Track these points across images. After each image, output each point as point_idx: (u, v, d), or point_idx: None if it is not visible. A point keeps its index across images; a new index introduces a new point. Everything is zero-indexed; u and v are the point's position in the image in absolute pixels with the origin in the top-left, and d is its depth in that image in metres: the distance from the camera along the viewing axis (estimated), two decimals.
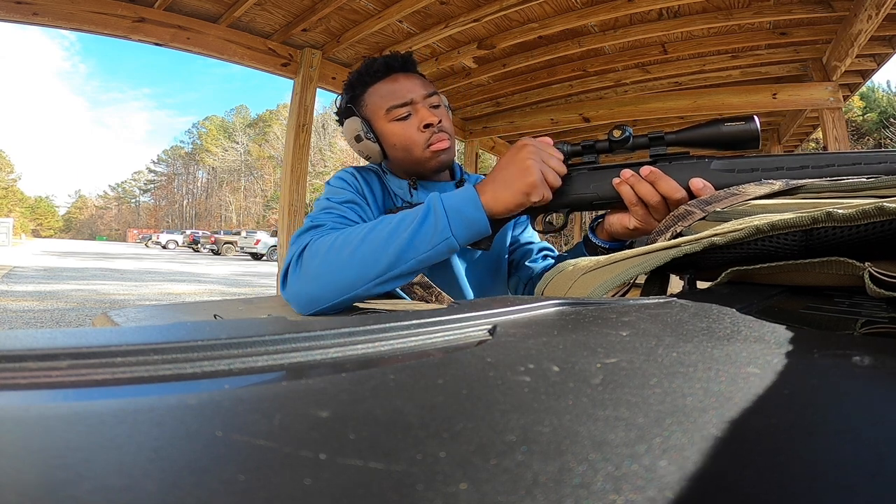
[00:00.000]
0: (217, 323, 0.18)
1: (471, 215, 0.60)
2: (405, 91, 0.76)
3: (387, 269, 0.60)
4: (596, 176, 0.62)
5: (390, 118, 0.76)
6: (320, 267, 0.62)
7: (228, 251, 19.44)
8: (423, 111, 0.76)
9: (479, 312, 0.21)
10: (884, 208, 0.28)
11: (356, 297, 0.62)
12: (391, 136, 0.76)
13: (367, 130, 0.77)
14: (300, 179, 2.72)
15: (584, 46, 2.74)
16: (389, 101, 0.75)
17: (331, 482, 0.07)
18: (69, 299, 5.23)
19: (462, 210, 0.60)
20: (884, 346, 0.17)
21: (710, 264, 0.39)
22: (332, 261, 0.61)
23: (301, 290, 0.63)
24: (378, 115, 0.77)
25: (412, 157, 0.77)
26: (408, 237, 0.60)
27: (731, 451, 0.09)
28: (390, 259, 0.59)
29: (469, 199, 0.61)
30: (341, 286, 0.61)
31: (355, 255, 0.60)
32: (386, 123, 0.76)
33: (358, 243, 0.61)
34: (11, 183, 51.22)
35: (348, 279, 0.60)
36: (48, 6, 1.97)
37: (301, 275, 0.63)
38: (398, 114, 0.75)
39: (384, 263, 0.60)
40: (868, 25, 2.13)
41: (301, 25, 2.49)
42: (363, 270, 0.60)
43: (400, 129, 0.76)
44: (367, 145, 0.78)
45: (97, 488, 0.07)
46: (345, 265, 0.60)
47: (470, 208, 0.60)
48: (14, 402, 0.11)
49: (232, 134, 50.28)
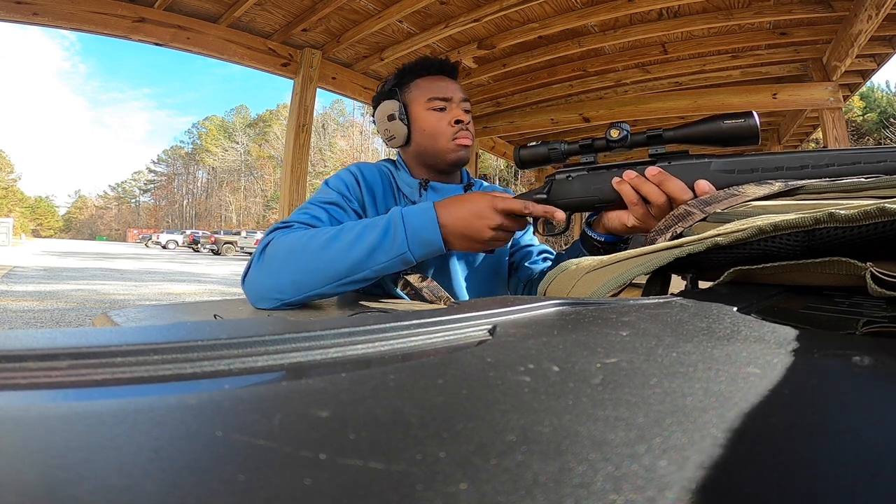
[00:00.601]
0: (217, 323, 0.18)
1: (428, 237, 0.64)
2: (448, 90, 0.84)
3: (345, 274, 0.64)
4: (596, 178, 0.62)
5: (428, 107, 0.83)
6: (279, 265, 0.65)
7: (228, 251, 19.45)
8: (458, 110, 0.83)
9: (479, 312, 0.21)
10: (885, 209, 0.28)
11: (309, 298, 0.65)
12: (424, 121, 0.83)
13: (402, 113, 0.84)
14: (300, 179, 2.72)
15: (585, 46, 2.74)
16: (433, 92, 0.83)
17: (331, 482, 0.07)
18: (69, 299, 5.23)
19: (420, 231, 0.64)
20: (884, 346, 0.17)
21: (712, 264, 0.39)
22: (291, 261, 0.65)
23: (257, 283, 0.67)
24: (419, 101, 0.84)
25: (436, 146, 0.83)
26: (367, 248, 0.63)
27: (731, 451, 0.09)
28: (349, 266, 0.63)
29: (428, 221, 0.65)
30: (296, 286, 0.64)
31: (317, 259, 0.64)
32: (423, 110, 0.83)
33: (319, 248, 0.64)
34: (11, 183, 51.21)
35: (304, 280, 0.64)
36: (48, 6, 1.97)
37: (261, 269, 0.67)
38: (436, 105, 0.83)
39: (343, 269, 0.64)
40: (868, 25, 2.13)
41: (301, 25, 2.49)
42: (321, 274, 0.64)
43: (434, 117, 0.83)
44: (397, 125, 0.84)
45: (97, 488, 0.07)
46: (303, 267, 0.64)
47: (428, 230, 0.64)
48: (14, 402, 0.11)
49: (232, 134, 50.28)
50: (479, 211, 0.64)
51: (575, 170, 0.63)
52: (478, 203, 0.65)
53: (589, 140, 0.63)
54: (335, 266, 0.63)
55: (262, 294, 0.66)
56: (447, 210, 0.65)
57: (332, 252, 0.64)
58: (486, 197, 0.65)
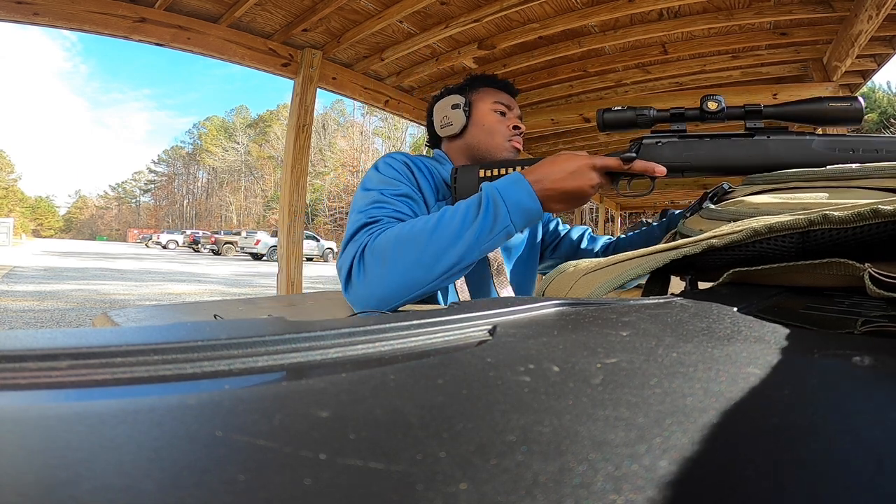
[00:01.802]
0: (217, 323, 0.18)
1: (528, 205, 0.64)
2: (511, 103, 0.94)
3: (457, 262, 0.62)
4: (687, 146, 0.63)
5: (493, 108, 0.91)
6: (386, 267, 0.63)
7: (229, 251, 19.45)
8: (516, 119, 0.93)
9: (479, 312, 0.21)
10: (879, 210, 0.28)
11: (423, 294, 0.64)
12: (486, 117, 0.90)
13: (466, 105, 0.91)
14: (300, 180, 2.72)
15: (585, 47, 2.74)
16: (499, 98, 0.92)
17: (331, 482, 0.07)
18: (69, 299, 5.23)
19: (519, 202, 0.64)
20: (884, 346, 0.17)
21: (710, 266, 0.39)
22: (399, 260, 0.62)
23: (369, 294, 0.64)
24: (485, 101, 0.92)
25: (492, 142, 0.89)
26: (476, 231, 0.63)
27: (731, 451, 0.09)
28: (461, 252, 0.62)
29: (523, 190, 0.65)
30: (410, 284, 0.62)
31: (425, 253, 0.62)
32: (487, 109, 0.91)
33: (426, 241, 0.62)
34: (12, 183, 51.23)
35: (417, 277, 0.62)
36: (48, 6, 1.97)
37: (366, 277, 0.64)
38: (500, 108, 0.92)
39: (454, 257, 0.62)
40: (868, 26, 2.13)
41: (301, 25, 2.49)
42: (433, 267, 0.62)
43: (496, 118, 0.91)
44: (459, 114, 0.90)
45: (97, 488, 0.07)
46: (413, 264, 0.62)
47: (526, 199, 0.64)
48: (14, 402, 0.11)
49: (232, 134, 50.27)
50: (578, 170, 0.66)
51: (665, 136, 0.64)
52: (574, 163, 0.66)
53: (681, 109, 0.64)
54: (448, 256, 0.62)
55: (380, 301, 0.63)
56: (542, 174, 0.66)
57: (442, 242, 0.62)
58: (580, 157, 0.67)
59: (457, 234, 0.62)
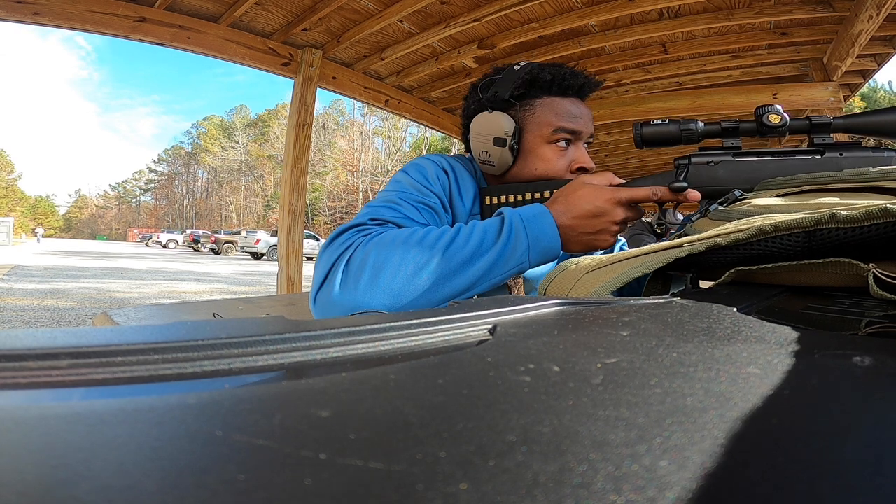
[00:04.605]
0: (217, 322, 0.18)
1: (548, 244, 0.55)
2: (580, 122, 0.69)
3: (463, 290, 0.53)
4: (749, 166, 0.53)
5: (552, 139, 0.68)
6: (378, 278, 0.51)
7: (229, 251, 19.44)
8: (583, 152, 0.70)
9: (479, 312, 0.21)
10: (888, 209, 0.28)
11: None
12: (541, 158, 0.69)
13: (514, 138, 0.68)
14: (300, 179, 2.72)
15: (585, 46, 2.74)
16: (563, 121, 0.68)
17: (331, 482, 0.07)
18: (70, 298, 5.23)
19: (541, 238, 0.55)
20: (884, 347, 0.17)
21: (713, 264, 0.39)
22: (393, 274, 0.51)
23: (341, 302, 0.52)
24: (542, 129, 0.69)
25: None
26: (492, 258, 0.53)
27: (731, 451, 0.09)
28: (470, 279, 0.52)
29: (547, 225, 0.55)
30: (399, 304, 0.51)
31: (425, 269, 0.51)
32: (544, 142, 0.69)
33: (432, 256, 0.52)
34: (12, 182, 51.27)
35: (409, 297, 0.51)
36: (49, 6, 1.97)
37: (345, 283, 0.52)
38: (562, 138, 0.69)
39: (462, 283, 0.52)
40: (869, 25, 2.13)
41: (301, 25, 2.49)
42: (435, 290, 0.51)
43: (554, 156, 0.69)
44: (504, 155, 0.69)
45: (97, 488, 0.07)
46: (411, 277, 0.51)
47: (548, 236, 0.55)
48: (14, 402, 0.11)
49: (232, 134, 50.26)
50: (600, 208, 0.54)
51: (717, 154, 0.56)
52: (595, 198, 0.55)
53: (734, 122, 0.55)
54: (456, 281, 0.52)
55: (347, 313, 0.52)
56: (561, 210, 0.56)
57: (452, 263, 0.52)
58: (602, 190, 0.55)
59: (470, 258, 0.52)
